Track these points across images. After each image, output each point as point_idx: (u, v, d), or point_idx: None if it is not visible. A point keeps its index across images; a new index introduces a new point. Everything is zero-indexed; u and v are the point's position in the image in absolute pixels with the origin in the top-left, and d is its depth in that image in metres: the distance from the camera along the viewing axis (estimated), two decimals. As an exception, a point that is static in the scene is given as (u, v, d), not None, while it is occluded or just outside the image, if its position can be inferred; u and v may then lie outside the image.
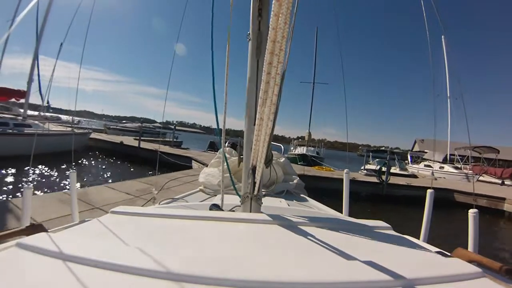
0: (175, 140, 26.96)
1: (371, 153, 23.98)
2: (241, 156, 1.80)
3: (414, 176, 19.30)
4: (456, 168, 22.51)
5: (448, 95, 26.28)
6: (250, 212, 1.56)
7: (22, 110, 16.08)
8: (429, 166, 23.77)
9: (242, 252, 0.95)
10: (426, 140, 43.65)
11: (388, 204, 11.65)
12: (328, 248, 1.03)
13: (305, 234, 1.17)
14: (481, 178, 20.49)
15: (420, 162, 25.76)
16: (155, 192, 3.04)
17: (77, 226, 1.17)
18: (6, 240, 0.92)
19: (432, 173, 22.01)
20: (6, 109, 15.64)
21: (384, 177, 13.33)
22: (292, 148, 30.33)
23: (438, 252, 1.13)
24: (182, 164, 14.48)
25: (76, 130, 18.61)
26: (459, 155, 25.18)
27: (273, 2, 0.97)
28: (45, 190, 9.00)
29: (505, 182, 19.50)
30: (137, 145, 17.84)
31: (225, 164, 2.52)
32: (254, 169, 1.45)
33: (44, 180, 10.48)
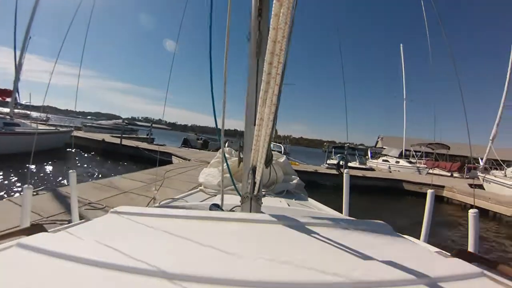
0: (147, 136, 27.25)
1: (333, 149, 25.37)
2: (241, 157, 1.76)
3: (371, 169, 20.78)
4: (410, 162, 24.33)
5: (404, 97, 28.66)
6: (250, 212, 1.51)
7: (2, 109, 15.35)
8: (387, 160, 25.50)
9: (242, 252, 0.92)
10: (385, 137, 46.81)
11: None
12: (328, 248, 1.01)
13: (305, 234, 1.15)
14: (433, 171, 22.42)
15: (379, 158, 27.35)
16: (155, 192, 3.05)
17: (77, 226, 1.15)
18: (6, 240, 0.91)
19: (389, 167, 23.56)
20: None
21: (342, 170, 14.98)
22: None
23: (438, 252, 1.12)
24: (164, 159, 14.96)
25: (59, 128, 18.12)
26: (415, 151, 27.27)
27: (273, 2, 0.96)
28: (41, 187, 8.89)
29: (454, 175, 21.62)
30: (118, 142, 18.21)
31: (225, 164, 2.46)
32: (254, 169, 1.41)
33: (35, 177, 10.12)
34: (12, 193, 7.72)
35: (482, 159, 16.34)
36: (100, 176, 11.34)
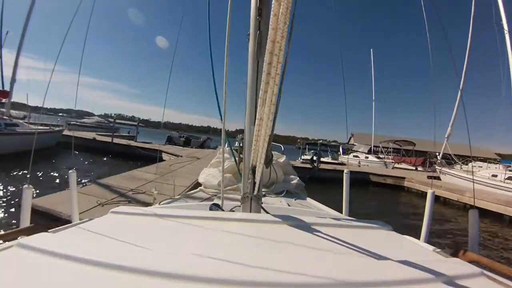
0: (129, 134, 27.50)
1: (307, 146, 26.26)
2: (241, 156, 1.65)
3: (342, 163, 22.17)
4: (378, 157, 25.87)
5: (373, 98, 30.83)
6: (250, 212, 1.48)
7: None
8: (357, 156, 26.98)
9: (242, 252, 0.91)
10: (356, 134, 49.24)
11: (318, 183, 13.98)
12: (329, 248, 1.00)
13: (305, 234, 1.14)
14: (400, 165, 24.35)
15: (350, 153, 28.73)
16: (155, 192, 2.98)
17: (77, 226, 1.13)
18: (6, 240, 0.91)
19: (359, 162, 24.97)
20: None
21: (315, 164, 16.58)
22: (237, 140, 31.86)
23: (438, 252, 1.12)
24: (156, 156, 15.19)
25: (51, 128, 17.79)
26: (384, 147, 28.92)
27: (272, 2, 0.93)
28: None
29: (418, 168, 23.39)
30: (109, 140, 18.44)
31: (226, 164, 2.42)
32: (254, 169, 1.38)
33: (38, 176, 10.05)
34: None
35: (437, 154, 18.66)
36: (110, 173, 11.45)
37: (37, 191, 7.17)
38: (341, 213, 2.38)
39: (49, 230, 1.02)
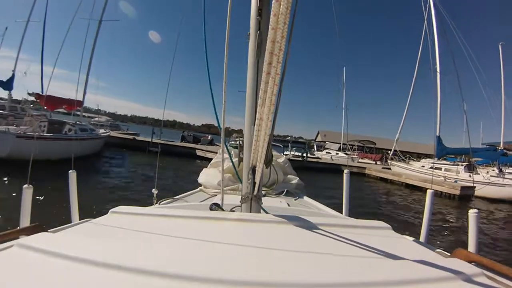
0: (127, 131, 28.73)
1: (289, 144, 29.87)
2: (241, 156, 1.71)
3: (318, 158, 25.75)
4: (346, 154, 29.13)
5: (344, 106, 36.91)
6: (250, 212, 1.45)
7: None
8: (329, 152, 31.04)
9: (242, 252, 0.91)
10: (327, 133, 52.01)
11: (308, 171, 16.87)
12: (328, 249, 0.99)
13: (305, 234, 1.12)
14: (363, 160, 28.29)
15: (323, 150, 32.85)
16: (155, 192, 2.93)
17: (77, 226, 1.13)
18: (6, 240, 0.90)
19: (331, 157, 28.73)
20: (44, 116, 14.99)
21: (304, 157, 21.13)
22: (232, 140, 35.16)
23: (437, 252, 1.09)
24: (189, 152, 18.21)
25: (104, 130, 19.45)
26: (350, 145, 32.71)
27: (272, 2, 0.95)
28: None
29: (377, 163, 27.06)
30: (147, 140, 20.16)
31: (226, 164, 2.46)
32: (254, 169, 1.37)
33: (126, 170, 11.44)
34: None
35: (390, 151, 25.95)
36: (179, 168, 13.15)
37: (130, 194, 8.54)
38: (341, 213, 2.32)
39: (49, 230, 0.98)
